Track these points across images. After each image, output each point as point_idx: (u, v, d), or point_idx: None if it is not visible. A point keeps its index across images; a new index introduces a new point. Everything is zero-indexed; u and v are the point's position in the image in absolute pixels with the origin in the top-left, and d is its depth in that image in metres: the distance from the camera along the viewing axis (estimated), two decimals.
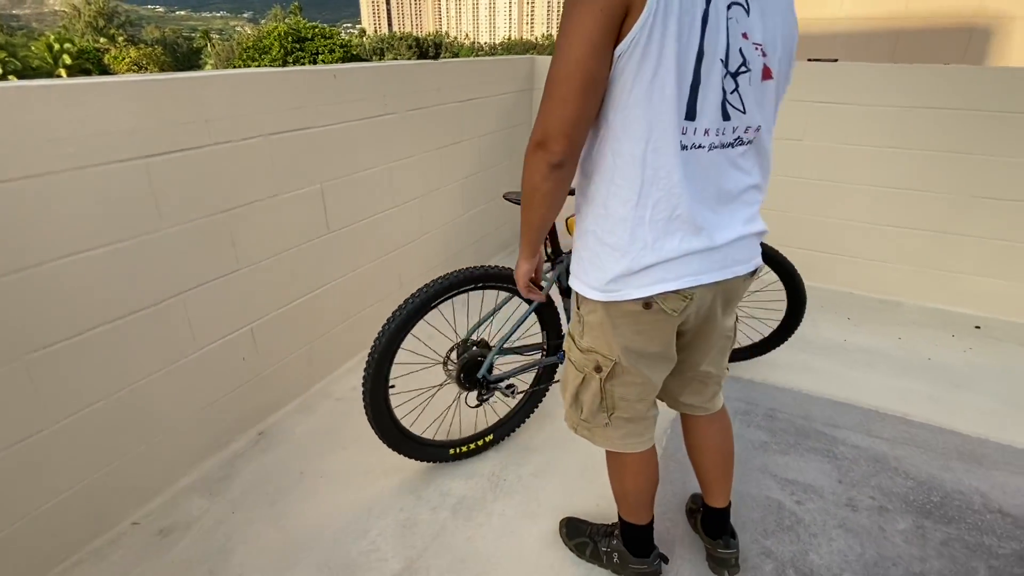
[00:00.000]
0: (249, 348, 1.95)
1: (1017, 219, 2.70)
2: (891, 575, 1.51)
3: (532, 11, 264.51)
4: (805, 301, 2.19)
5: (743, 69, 0.97)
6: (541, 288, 1.42)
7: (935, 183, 2.79)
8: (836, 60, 3.01)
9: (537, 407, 2.04)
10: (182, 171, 1.63)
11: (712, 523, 1.48)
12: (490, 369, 1.80)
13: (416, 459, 1.81)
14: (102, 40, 53.19)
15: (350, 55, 40.70)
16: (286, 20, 47.81)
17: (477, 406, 1.87)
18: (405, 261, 2.67)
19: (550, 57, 3.20)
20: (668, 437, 2.01)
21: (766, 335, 2.33)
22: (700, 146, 0.98)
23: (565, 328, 1.93)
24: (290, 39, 37.82)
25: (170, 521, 1.68)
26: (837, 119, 2.90)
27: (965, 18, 12.53)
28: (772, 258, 2.13)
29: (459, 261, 3.14)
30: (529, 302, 1.59)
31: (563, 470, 1.86)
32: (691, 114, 0.95)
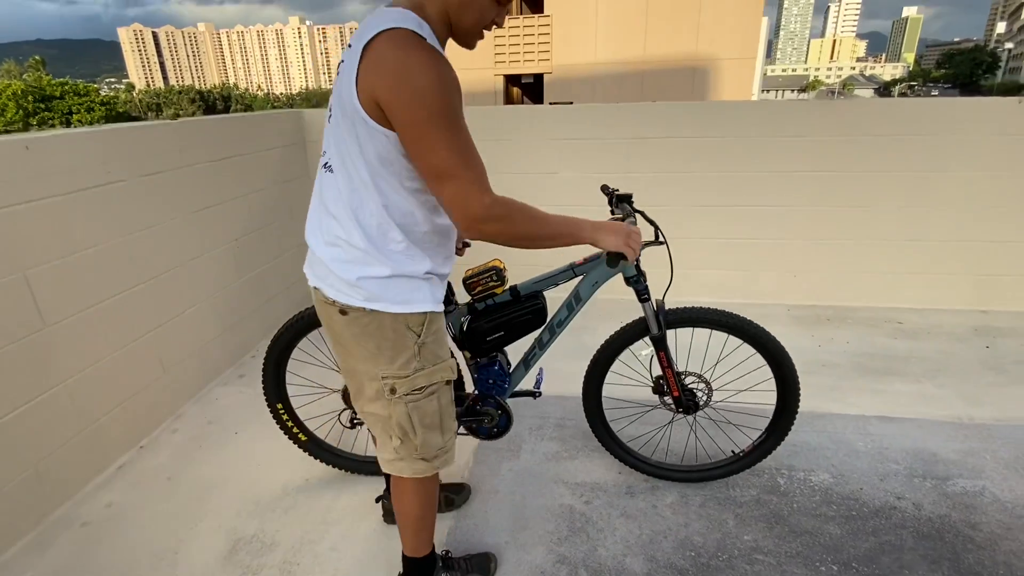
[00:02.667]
0: None
1: (732, 218, 3.33)
2: (664, 547, 1.71)
3: (328, 61, 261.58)
4: (796, 391, 1.77)
5: (329, 112, 1.19)
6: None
7: (663, 198, 3.33)
8: (571, 103, 3.45)
9: None
10: None
11: None
12: None
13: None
14: None
15: (116, 114, 35.88)
16: (24, 76, 40.69)
17: (350, 427, 1.92)
18: (167, 341, 2.36)
19: (318, 110, 3.22)
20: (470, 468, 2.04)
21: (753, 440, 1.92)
22: (320, 165, 1.24)
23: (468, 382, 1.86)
24: (31, 98, 32.34)
25: None
26: (581, 152, 3.31)
27: (688, 60, 15.39)
28: (749, 334, 1.74)
29: (241, 330, 2.89)
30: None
31: (364, 537, 1.77)
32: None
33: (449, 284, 1.77)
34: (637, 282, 1.70)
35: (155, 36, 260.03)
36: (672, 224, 1.97)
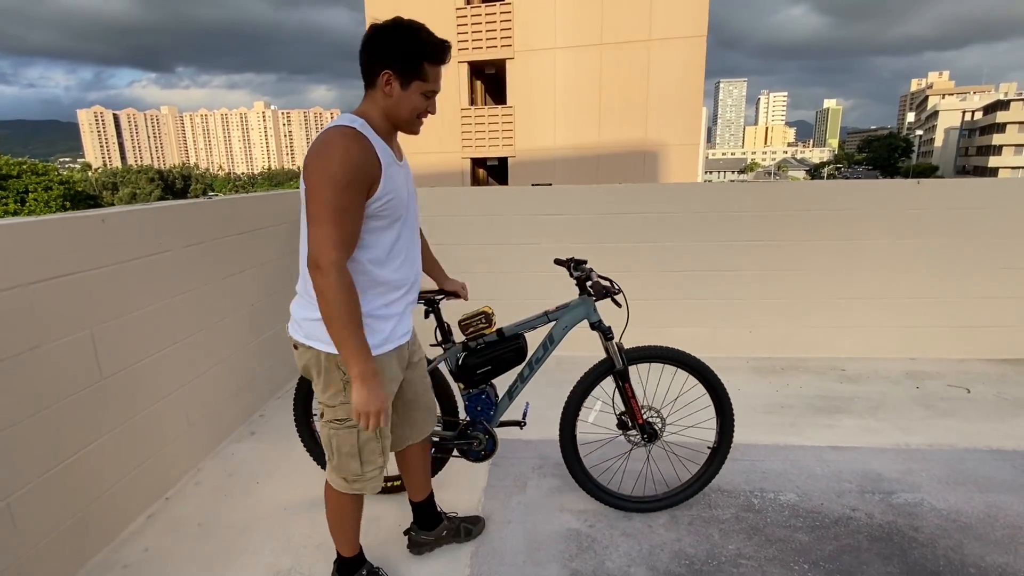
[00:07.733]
0: (6, 530, 1.67)
1: (693, 282, 3.79)
2: (662, 558, 1.95)
3: (291, 143, 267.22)
4: (731, 415, 2.17)
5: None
6: None
7: (631, 265, 3.78)
8: (551, 184, 3.95)
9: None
10: None
11: None
12: None
13: None
14: None
15: (74, 192, 35.58)
16: None
17: None
18: (192, 397, 2.54)
19: None
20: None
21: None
22: None
23: (461, 407, 2.19)
24: None
25: None
26: (559, 227, 3.76)
27: (638, 146, 16.78)
28: (692, 365, 2.12)
29: (252, 388, 3.07)
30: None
31: (395, 564, 1.94)
32: None
33: (448, 325, 2.10)
34: (601, 325, 2.06)
35: (116, 118, 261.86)
36: (640, 286, 2.38)
